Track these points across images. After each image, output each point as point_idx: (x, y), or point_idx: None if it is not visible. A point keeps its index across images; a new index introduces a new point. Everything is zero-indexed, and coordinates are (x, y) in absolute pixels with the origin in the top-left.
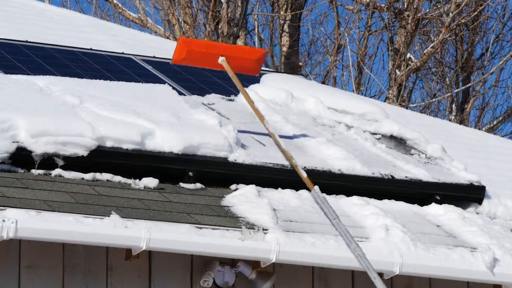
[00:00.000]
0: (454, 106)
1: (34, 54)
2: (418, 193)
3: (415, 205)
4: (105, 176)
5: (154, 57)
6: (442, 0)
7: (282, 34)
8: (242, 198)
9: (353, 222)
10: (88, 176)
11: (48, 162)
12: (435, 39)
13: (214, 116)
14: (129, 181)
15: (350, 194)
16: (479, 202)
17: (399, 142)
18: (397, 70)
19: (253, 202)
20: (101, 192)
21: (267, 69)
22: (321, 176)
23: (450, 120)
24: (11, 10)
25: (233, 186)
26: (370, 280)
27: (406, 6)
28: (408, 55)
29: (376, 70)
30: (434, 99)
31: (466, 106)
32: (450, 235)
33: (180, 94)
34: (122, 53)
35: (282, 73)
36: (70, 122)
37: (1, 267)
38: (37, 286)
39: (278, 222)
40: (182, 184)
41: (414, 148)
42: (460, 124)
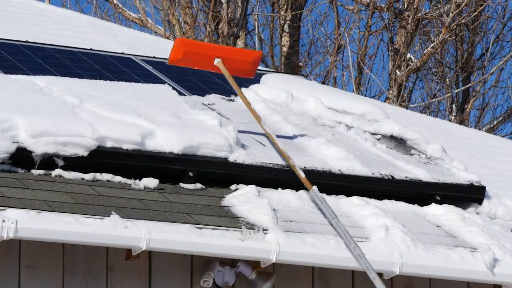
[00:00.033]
0: (454, 106)
1: (34, 54)
2: (418, 193)
3: (415, 205)
4: (105, 176)
5: (154, 57)
6: (442, 0)
7: (282, 34)
8: (242, 198)
9: (353, 222)
10: (88, 176)
11: (48, 162)
12: (435, 39)
13: (214, 116)
14: (129, 181)
15: (350, 194)
16: (479, 202)
17: (399, 142)
18: (397, 70)
19: (253, 202)
20: (101, 192)
21: (267, 69)
22: (321, 176)
23: (450, 120)
24: (11, 10)
25: (233, 186)
26: (370, 280)
27: (406, 6)
28: (408, 55)
29: (376, 70)
30: (434, 99)
31: (466, 107)
32: (450, 235)
33: (180, 94)
34: (122, 53)
35: (282, 73)
36: (70, 122)
37: (1, 268)
38: (37, 286)
39: (278, 222)
40: (182, 184)
41: (414, 148)
42: (460, 124)
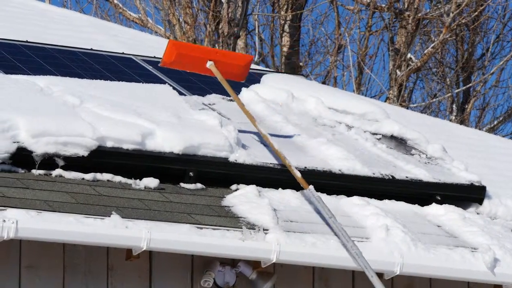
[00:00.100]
0: (454, 106)
1: (35, 54)
2: (419, 193)
3: (416, 205)
4: (105, 176)
5: (154, 57)
6: (443, 0)
7: (283, 34)
8: (243, 198)
9: (353, 222)
10: (88, 176)
11: (48, 162)
12: (436, 39)
13: (214, 116)
14: (129, 181)
15: (350, 194)
16: (480, 202)
17: (400, 142)
18: (397, 70)
19: (253, 202)
20: (101, 192)
21: (268, 69)
22: (321, 176)
23: (450, 120)
24: (12, 10)
25: (233, 186)
26: (369, 280)
27: (406, 6)
28: (408, 55)
29: (376, 70)
30: (434, 99)
31: (466, 106)
32: (450, 235)
33: (180, 94)
34: (123, 53)
35: (283, 73)
36: (70, 122)
37: (1, 267)
38: (37, 286)
39: (279, 222)
40: (182, 184)
41: (414, 148)
42: (460, 124)
